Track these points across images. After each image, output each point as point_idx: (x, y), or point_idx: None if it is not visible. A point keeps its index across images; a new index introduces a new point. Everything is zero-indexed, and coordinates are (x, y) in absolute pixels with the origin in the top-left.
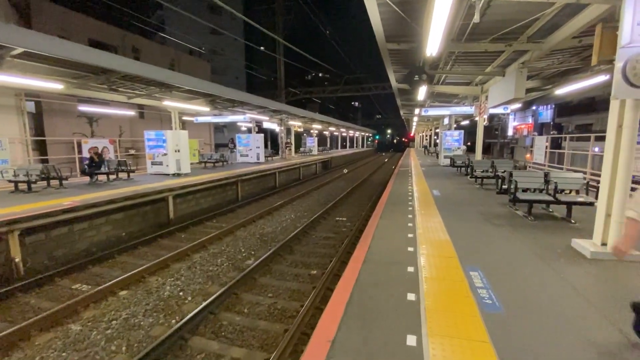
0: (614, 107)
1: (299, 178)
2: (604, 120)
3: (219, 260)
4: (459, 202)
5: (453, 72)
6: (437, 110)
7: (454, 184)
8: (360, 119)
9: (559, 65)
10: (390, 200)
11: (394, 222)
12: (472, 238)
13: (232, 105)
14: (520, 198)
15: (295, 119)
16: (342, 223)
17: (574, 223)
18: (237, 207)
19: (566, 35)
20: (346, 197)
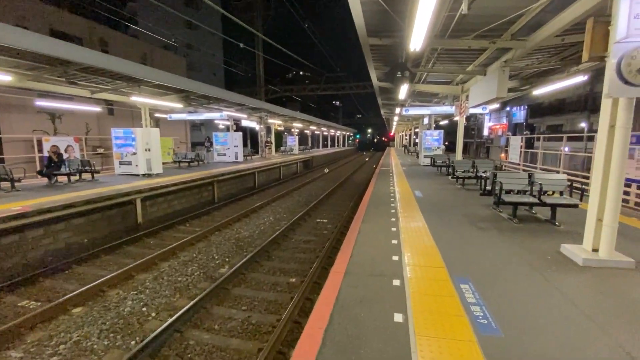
0: (605, 106)
1: (279, 178)
2: (573, 121)
3: (189, 269)
4: (441, 204)
5: (435, 70)
6: (418, 110)
7: (436, 184)
8: (342, 118)
9: (539, 65)
10: (373, 201)
11: (376, 226)
12: (458, 244)
13: (208, 102)
14: (506, 200)
15: (275, 117)
16: (323, 225)
17: (559, 226)
18: (213, 210)
19: (550, 33)
20: (327, 197)
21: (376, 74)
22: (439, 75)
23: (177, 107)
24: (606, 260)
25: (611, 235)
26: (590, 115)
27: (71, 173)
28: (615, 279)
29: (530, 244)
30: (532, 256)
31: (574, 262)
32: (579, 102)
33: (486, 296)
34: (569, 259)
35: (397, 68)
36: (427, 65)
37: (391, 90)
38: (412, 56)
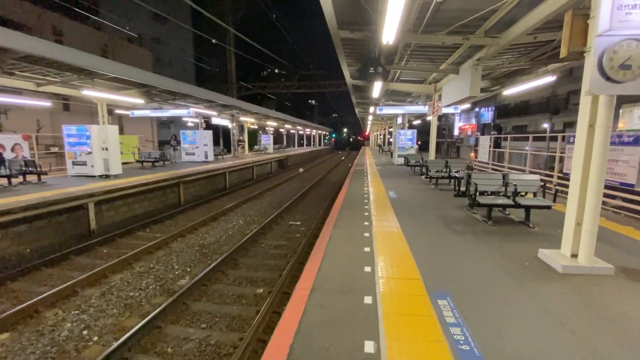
0: (585, 103)
1: (252, 178)
2: (536, 122)
3: (144, 281)
4: (415, 205)
5: (408, 68)
6: (391, 109)
7: (410, 185)
8: (317, 117)
9: (509, 65)
10: (346, 203)
11: (349, 231)
12: (434, 251)
13: (173, 98)
14: (481, 202)
15: (248, 115)
16: (296, 228)
17: (533, 227)
18: (178, 213)
19: (523, 30)
20: (301, 198)
21: (349, 71)
22: (412, 73)
23: (139, 103)
24: (586, 267)
25: (591, 240)
26: (552, 116)
27: (12, 175)
28: (597, 289)
29: (507, 250)
30: (511, 263)
31: (553, 270)
32: (542, 104)
33: (467, 314)
34: (548, 266)
35: (370, 63)
36: (401, 62)
37: (365, 89)
38: (386, 51)
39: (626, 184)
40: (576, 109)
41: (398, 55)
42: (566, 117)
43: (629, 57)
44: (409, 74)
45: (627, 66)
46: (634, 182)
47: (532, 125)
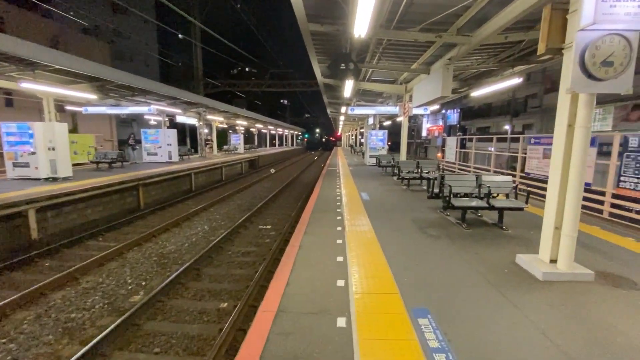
0: (563, 102)
1: (221, 179)
2: (498, 123)
3: (90, 299)
4: (389, 208)
5: (380, 67)
6: (363, 110)
7: (382, 186)
8: (290, 117)
9: (478, 66)
10: (318, 206)
11: (321, 238)
12: (411, 259)
13: (132, 94)
14: (456, 205)
15: (216, 113)
16: (266, 232)
17: (507, 230)
18: (137, 218)
19: (495, 28)
20: (273, 200)
21: (320, 68)
22: (383, 73)
23: (92, 99)
24: (566, 273)
25: (571, 245)
26: (512, 118)
27: None
28: (582, 298)
29: (484, 255)
30: (490, 271)
31: (533, 277)
32: (503, 106)
33: (451, 335)
34: (527, 273)
35: (341, 59)
36: (372, 61)
37: (336, 88)
38: (357, 48)
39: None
40: (534, 112)
41: (370, 53)
42: (525, 119)
43: (611, 53)
44: (380, 73)
45: (609, 63)
46: (591, 181)
47: (494, 126)
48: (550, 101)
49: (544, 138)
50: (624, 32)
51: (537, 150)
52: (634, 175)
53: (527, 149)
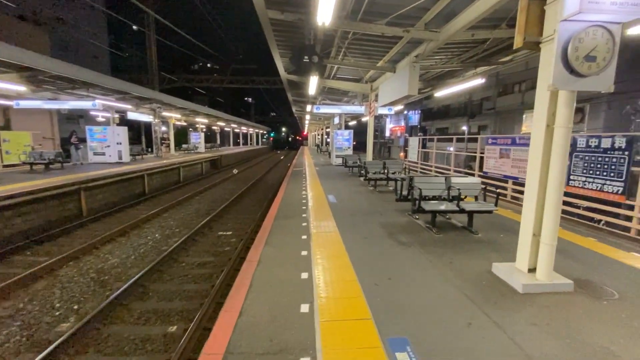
0: (541, 101)
1: (179, 181)
2: (456, 124)
3: (4, 332)
4: (357, 211)
5: (345, 63)
6: (328, 109)
7: (349, 187)
8: (254, 115)
9: (443, 66)
10: (282, 211)
11: (283, 250)
12: (383, 273)
13: (72, 87)
14: (426, 209)
15: (173, 110)
16: (226, 240)
17: (477, 234)
18: (78, 227)
19: (463, 25)
20: (235, 202)
21: (283, 63)
22: (349, 71)
23: (22, 91)
24: (546, 284)
25: (550, 254)
26: (469, 120)
27: None
28: (564, 313)
29: (459, 265)
30: (468, 284)
31: (513, 289)
32: (461, 108)
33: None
34: (506, 284)
35: (305, 51)
36: (337, 57)
37: (301, 85)
38: (322, 39)
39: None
40: (488, 113)
41: (335, 47)
42: (480, 120)
43: (594, 47)
44: (346, 71)
45: (592, 58)
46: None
47: (452, 127)
48: (502, 104)
49: (500, 138)
50: (607, 25)
51: (494, 150)
52: (582, 174)
53: (485, 149)
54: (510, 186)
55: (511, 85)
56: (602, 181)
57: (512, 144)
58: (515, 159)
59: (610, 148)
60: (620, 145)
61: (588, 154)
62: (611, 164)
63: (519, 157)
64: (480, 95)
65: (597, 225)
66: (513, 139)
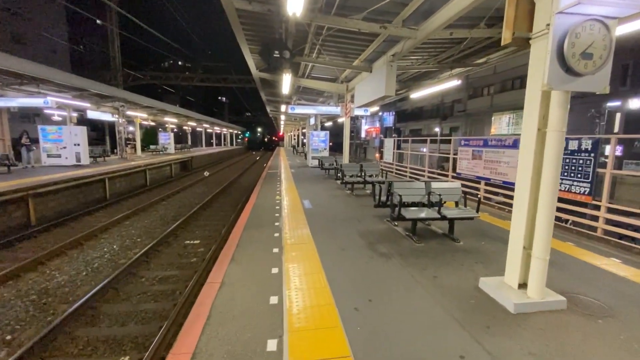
0: (532, 102)
1: (145, 184)
2: (429, 126)
3: None
4: (334, 219)
5: (319, 62)
6: (303, 109)
7: (325, 191)
8: (228, 115)
9: (419, 67)
10: (253, 219)
11: (251, 267)
12: (363, 293)
13: (19, 83)
14: (407, 217)
15: (138, 109)
16: (194, 250)
17: (459, 242)
18: (22, 239)
19: (442, 22)
20: (204, 207)
21: (254, 60)
22: (324, 70)
23: None
24: (539, 303)
25: (542, 270)
26: (441, 121)
27: None
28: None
29: (444, 279)
30: (455, 303)
31: (503, 309)
32: (433, 110)
33: None
34: (496, 303)
35: (275, 45)
36: (311, 54)
37: (274, 84)
38: (294, 33)
39: (508, 182)
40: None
41: (309, 44)
42: (452, 122)
43: (591, 43)
44: (321, 70)
45: (589, 55)
46: (514, 180)
47: (425, 129)
48: (473, 106)
49: (473, 140)
50: (605, 19)
51: (466, 151)
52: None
53: (458, 151)
54: (483, 187)
55: (480, 89)
56: (570, 182)
57: (484, 145)
58: (487, 160)
59: (577, 150)
60: (586, 147)
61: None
62: (578, 166)
63: (490, 159)
64: (452, 97)
65: (565, 225)
66: (485, 141)
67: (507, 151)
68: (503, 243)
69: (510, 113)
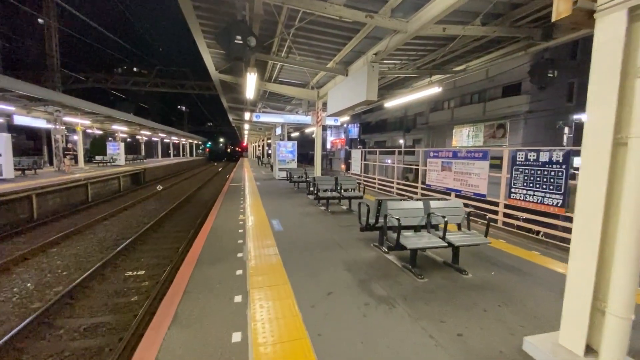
0: (602, 100)
1: (87, 200)
2: (393, 138)
3: None
4: (311, 244)
5: (289, 61)
6: (270, 117)
7: (297, 207)
8: (188, 125)
9: (398, 72)
10: (208, 249)
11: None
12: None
13: None
14: (408, 247)
15: (79, 115)
16: (136, 282)
17: (466, 274)
18: None
19: (436, 14)
20: (155, 228)
21: (214, 60)
22: (294, 74)
23: None
24: None
25: (624, 332)
26: (405, 134)
27: None
28: None
29: (472, 339)
30: None
31: None
32: (397, 122)
33: None
34: None
35: (237, 29)
36: (281, 52)
37: (237, 89)
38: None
39: (479, 194)
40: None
41: (277, 39)
42: (415, 134)
43: None
44: (289, 73)
45: None
46: (485, 192)
47: (389, 140)
48: (435, 119)
49: (442, 152)
50: None
51: (436, 163)
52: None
53: (427, 162)
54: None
55: (441, 103)
56: (542, 194)
57: (454, 157)
58: (457, 172)
59: (548, 162)
60: (557, 159)
61: (528, 167)
62: (550, 177)
63: (461, 170)
64: (415, 110)
65: (536, 237)
66: (454, 153)
67: (477, 162)
68: (515, 273)
69: (470, 126)
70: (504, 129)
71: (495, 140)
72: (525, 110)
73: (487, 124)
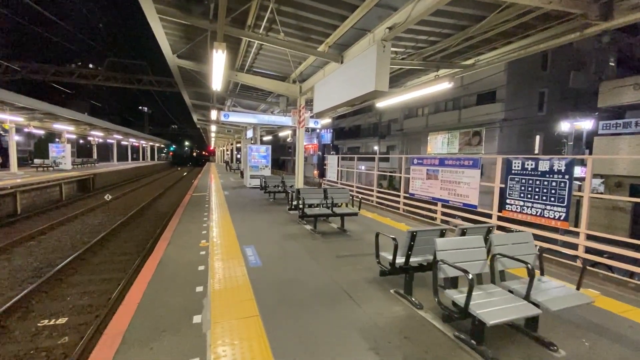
0: None
1: (15, 212)
2: (367, 144)
3: None
4: (306, 295)
5: (269, 40)
6: (241, 117)
7: (275, 226)
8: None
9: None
10: (146, 309)
11: None
12: None
13: None
14: (489, 323)
15: (8, 110)
16: (52, 340)
17: (556, 350)
18: None
19: None
20: (94, 250)
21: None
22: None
23: None
24: None
25: None
26: (379, 140)
27: None
28: None
29: None
30: None
31: None
32: (370, 129)
33: None
34: None
35: None
36: (259, 27)
37: (200, 82)
38: None
39: (469, 205)
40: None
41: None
42: (389, 141)
43: None
44: (266, 61)
45: None
46: (476, 203)
47: (363, 147)
48: (409, 125)
49: (426, 159)
50: None
51: (420, 170)
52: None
53: (410, 170)
54: (440, 209)
55: (415, 109)
56: (542, 206)
57: (441, 165)
58: (444, 180)
59: (549, 171)
60: (560, 168)
61: (526, 176)
62: (551, 189)
63: (448, 179)
64: (389, 117)
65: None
66: (441, 160)
67: (467, 171)
68: (618, 341)
69: (445, 133)
70: (479, 137)
71: (470, 148)
72: (502, 118)
73: (463, 131)
